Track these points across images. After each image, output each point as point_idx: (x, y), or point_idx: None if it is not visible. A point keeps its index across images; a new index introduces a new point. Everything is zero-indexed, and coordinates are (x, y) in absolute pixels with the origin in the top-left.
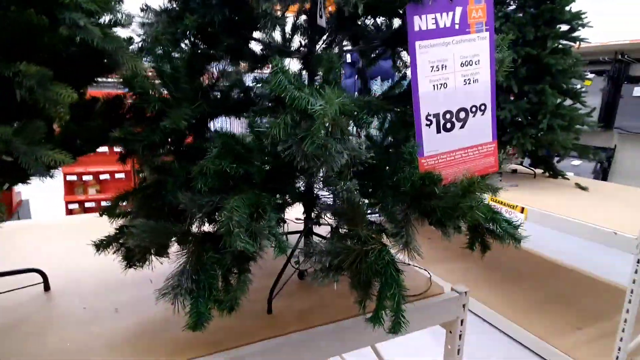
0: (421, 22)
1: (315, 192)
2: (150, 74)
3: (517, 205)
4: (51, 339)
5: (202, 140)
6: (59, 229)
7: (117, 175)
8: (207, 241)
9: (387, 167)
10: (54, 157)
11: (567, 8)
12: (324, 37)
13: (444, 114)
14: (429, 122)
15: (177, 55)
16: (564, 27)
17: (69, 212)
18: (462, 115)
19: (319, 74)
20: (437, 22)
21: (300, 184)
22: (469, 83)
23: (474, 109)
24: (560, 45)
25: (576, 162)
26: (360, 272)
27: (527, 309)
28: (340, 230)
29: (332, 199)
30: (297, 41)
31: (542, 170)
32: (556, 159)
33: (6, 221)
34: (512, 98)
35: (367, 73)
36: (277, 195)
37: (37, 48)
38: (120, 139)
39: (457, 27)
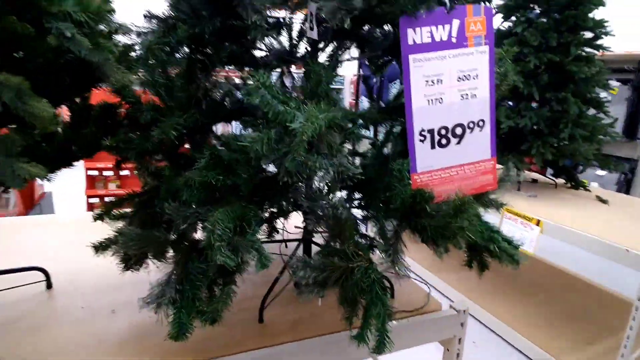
0: (415, 35)
1: (304, 205)
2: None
3: (532, 218)
4: (46, 337)
5: (196, 148)
6: (65, 226)
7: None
8: (194, 251)
9: (381, 182)
10: (28, 170)
11: (591, 15)
12: (322, 45)
13: (439, 129)
14: (422, 138)
15: (173, 63)
16: (588, 35)
17: (90, 206)
18: (458, 131)
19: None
20: (433, 36)
21: (290, 196)
22: (467, 98)
23: (471, 125)
24: (583, 53)
25: (601, 172)
26: (346, 289)
27: (538, 322)
28: (331, 243)
29: (320, 213)
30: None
31: (563, 181)
32: (580, 168)
33: (28, 214)
34: (534, 105)
35: (372, 80)
36: (265, 207)
37: (25, 57)
38: (112, 147)
39: (454, 40)
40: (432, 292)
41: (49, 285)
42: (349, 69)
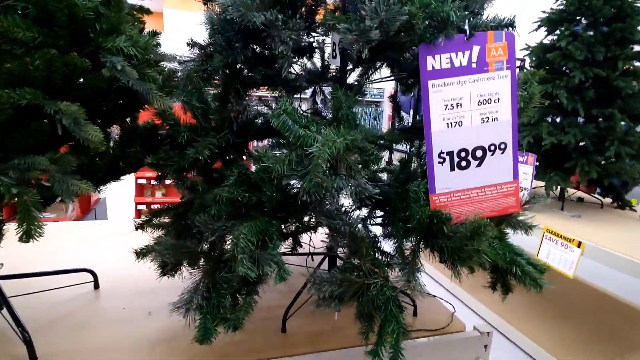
0: (434, 61)
1: (323, 223)
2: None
3: (573, 239)
4: (88, 335)
5: (227, 166)
6: (114, 232)
7: None
8: (221, 262)
9: (401, 202)
10: (80, 186)
11: None
12: (350, 67)
13: (459, 152)
14: (441, 160)
15: (210, 88)
16: (637, 48)
17: (138, 212)
18: (478, 153)
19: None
20: (452, 62)
21: (310, 214)
22: (487, 121)
23: (492, 148)
24: (632, 67)
25: None
26: (363, 304)
27: (578, 347)
28: (350, 260)
29: (338, 231)
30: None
31: (610, 200)
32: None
33: (83, 219)
34: (580, 121)
35: (402, 96)
36: (288, 223)
37: (81, 86)
38: (153, 164)
39: (474, 65)
40: (466, 312)
41: (97, 286)
42: (389, 82)
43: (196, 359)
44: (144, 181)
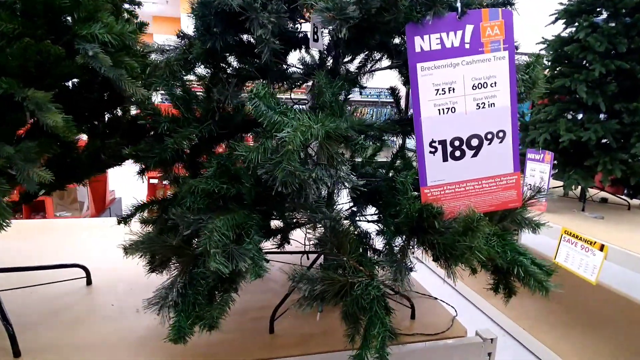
0: (423, 42)
1: (304, 217)
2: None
3: (595, 242)
4: (78, 330)
5: (212, 157)
6: (113, 229)
7: None
8: (198, 257)
9: (392, 195)
10: (39, 174)
11: None
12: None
13: (452, 140)
14: (433, 150)
15: (193, 78)
16: None
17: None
18: (474, 142)
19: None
20: (443, 42)
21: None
22: (483, 107)
23: (489, 136)
24: None
25: None
26: (347, 305)
27: (595, 358)
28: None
29: (318, 226)
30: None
31: (639, 202)
32: None
33: (99, 216)
34: (602, 117)
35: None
36: (271, 217)
37: (56, 75)
38: (133, 155)
39: (467, 46)
40: (477, 316)
41: (89, 282)
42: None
43: (181, 357)
44: (155, 181)
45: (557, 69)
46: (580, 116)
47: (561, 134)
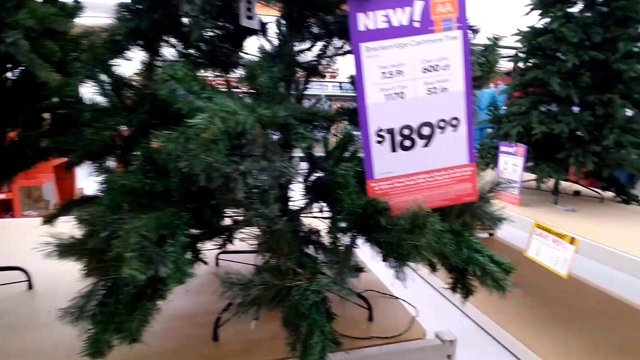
0: (367, 20)
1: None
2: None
3: (566, 235)
4: (19, 337)
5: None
6: (59, 229)
7: None
8: (115, 262)
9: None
10: None
11: None
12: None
13: (401, 129)
14: (380, 139)
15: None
16: None
17: None
18: (425, 131)
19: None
20: (390, 20)
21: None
22: (435, 92)
23: (442, 125)
24: (635, 49)
25: None
26: (285, 311)
27: (577, 354)
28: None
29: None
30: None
31: (612, 194)
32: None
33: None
34: (574, 109)
35: None
36: (203, 216)
37: None
38: (56, 149)
39: (416, 25)
40: (455, 314)
41: (30, 286)
42: None
43: None
44: None
45: (531, 60)
46: (553, 108)
47: (534, 127)
